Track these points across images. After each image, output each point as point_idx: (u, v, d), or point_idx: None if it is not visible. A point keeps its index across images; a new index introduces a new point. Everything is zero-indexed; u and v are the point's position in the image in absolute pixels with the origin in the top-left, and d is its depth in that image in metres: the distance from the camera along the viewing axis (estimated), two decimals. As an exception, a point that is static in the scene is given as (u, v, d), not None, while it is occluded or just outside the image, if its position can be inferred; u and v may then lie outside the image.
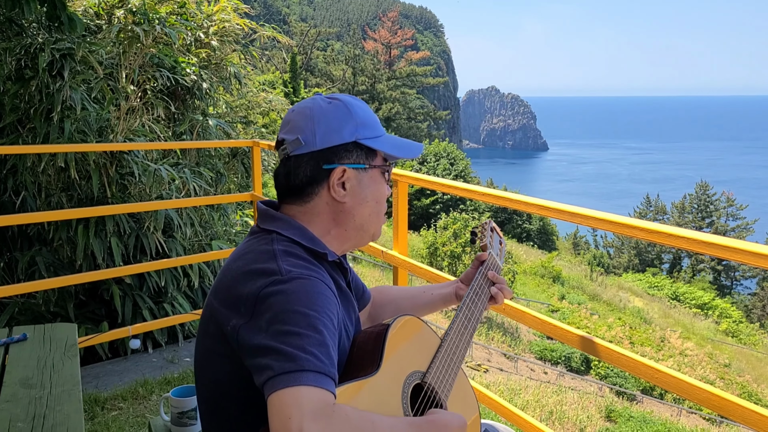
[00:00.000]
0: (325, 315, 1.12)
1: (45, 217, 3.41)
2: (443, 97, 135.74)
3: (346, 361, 1.30)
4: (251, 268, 1.20)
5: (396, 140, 1.42)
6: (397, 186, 2.69)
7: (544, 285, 34.18)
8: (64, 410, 1.40)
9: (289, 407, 0.98)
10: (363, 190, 1.35)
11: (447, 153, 39.72)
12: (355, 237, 1.39)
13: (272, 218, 1.33)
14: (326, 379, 1.04)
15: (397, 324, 1.36)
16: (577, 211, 1.90)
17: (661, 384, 1.61)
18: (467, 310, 1.53)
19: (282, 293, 1.12)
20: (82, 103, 3.88)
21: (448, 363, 1.41)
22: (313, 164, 1.30)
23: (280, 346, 1.05)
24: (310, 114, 1.32)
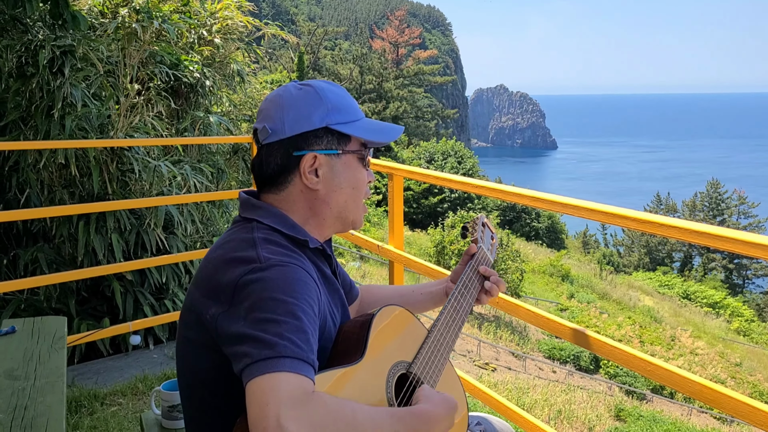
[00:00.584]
0: (304, 301, 1.11)
1: (42, 213, 3.42)
2: (451, 96, 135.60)
3: (331, 349, 1.29)
4: (231, 256, 1.19)
5: (373, 124, 1.38)
6: (393, 180, 2.68)
7: (553, 284, 34.06)
8: (47, 401, 1.39)
9: (266, 394, 0.97)
10: (336, 176, 1.32)
11: (455, 151, 39.65)
12: (334, 224, 1.37)
13: (253, 207, 1.31)
14: (305, 366, 1.03)
15: (383, 313, 1.35)
16: (582, 205, 1.87)
17: (651, 376, 1.58)
18: (455, 302, 1.52)
19: (260, 281, 1.11)
20: (82, 100, 3.89)
21: (435, 354, 1.40)
22: (283, 152, 1.29)
23: (258, 333, 1.04)
24: (280, 102, 1.31)
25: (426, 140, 45.74)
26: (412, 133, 50.63)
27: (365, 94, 48.60)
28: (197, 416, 1.28)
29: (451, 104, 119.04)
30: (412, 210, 36.84)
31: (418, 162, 39.74)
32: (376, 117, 46.60)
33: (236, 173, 5.82)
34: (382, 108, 47.47)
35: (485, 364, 20.10)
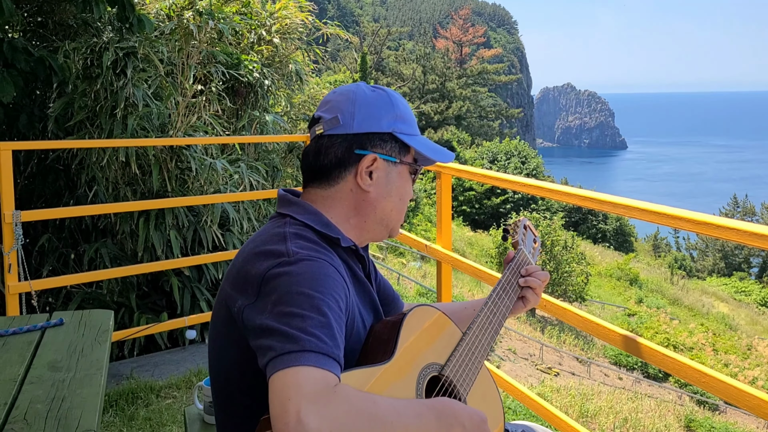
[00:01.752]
0: (330, 297, 1.10)
1: (102, 210, 3.55)
2: (516, 95, 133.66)
3: (361, 349, 1.27)
4: (260, 249, 1.19)
5: (430, 143, 1.39)
6: (441, 178, 2.62)
7: (620, 288, 33.10)
8: (83, 394, 1.41)
9: (288, 388, 0.96)
10: (389, 183, 1.33)
11: (518, 151, 39.06)
12: (374, 230, 1.36)
13: (289, 203, 1.32)
14: (328, 360, 1.02)
15: (415, 313, 1.31)
16: (653, 209, 1.74)
17: (706, 387, 1.48)
18: (492, 304, 1.47)
19: (287, 275, 1.11)
20: (144, 100, 4.01)
21: (470, 356, 1.35)
22: (345, 146, 1.29)
23: (282, 327, 1.04)
24: (353, 97, 1.31)
25: (489, 140, 45.22)
26: (476, 133, 50.13)
27: (428, 93, 48.44)
28: (225, 411, 1.28)
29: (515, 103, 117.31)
30: (474, 211, 36.49)
31: (480, 162, 39.34)
32: (438, 117, 46.39)
33: (291, 171, 5.89)
34: (444, 108, 47.22)
35: (547, 368, 19.69)
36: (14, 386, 1.45)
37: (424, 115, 45.89)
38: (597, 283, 32.03)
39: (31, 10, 5.78)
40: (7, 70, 4.39)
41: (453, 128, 45.69)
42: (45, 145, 4.18)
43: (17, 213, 3.19)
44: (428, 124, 45.68)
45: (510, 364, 18.84)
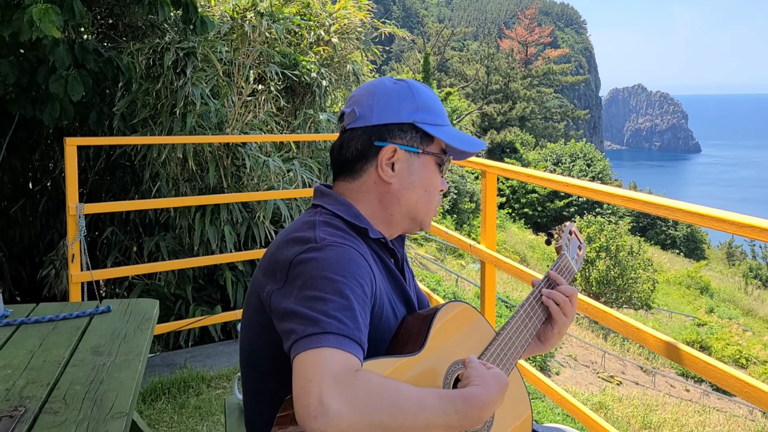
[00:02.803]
0: (353, 281, 1.11)
1: (157, 204, 3.68)
2: (584, 96, 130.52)
3: (392, 339, 1.27)
4: (291, 236, 1.22)
5: (458, 133, 1.37)
6: (485, 177, 2.59)
7: (690, 296, 31.87)
8: (121, 377, 1.47)
9: (310, 370, 0.98)
10: (412, 174, 1.31)
11: (583, 154, 38.12)
12: (402, 222, 1.35)
13: (322, 194, 1.34)
14: (350, 342, 1.03)
15: (448, 309, 1.30)
16: (723, 217, 1.62)
17: (750, 399, 1.41)
18: (529, 306, 1.44)
19: (313, 260, 1.13)
20: (202, 99, 4.13)
21: (501, 357, 1.33)
22: (365, 139, 1.30)
23: (305, 310, 1.06)
24: (373, 90, 1.32)
25: (554, 142, 44.35)
26: (540, 135, 49.26)
27: (491, 94, 47.90)
28: (254, 396, 1.31)
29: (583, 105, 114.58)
30: (537, 213, 35.85)
31: (544, 164, 38.61)
32: (501, 118, 45.79)
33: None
34: (508, 108, 46.58)
35: (610, 376, 19.15)
36: (58, 368, 1.52)
37: (487, 116, 45.40)
38: (665, 291, 30.93)
39: (102, 13, 6.06)
40: (78, 70, 4.61)
41: (516, 129, 45.05)
42: (106, 141, 4.38)
43: (80, 206, 3.35)
44: (491, 125, 45.19)
45: (570, 371, 18.42)
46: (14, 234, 6.29)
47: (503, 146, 41.49)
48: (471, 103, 45.20)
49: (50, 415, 1.30)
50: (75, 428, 1.24)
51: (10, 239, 6.31)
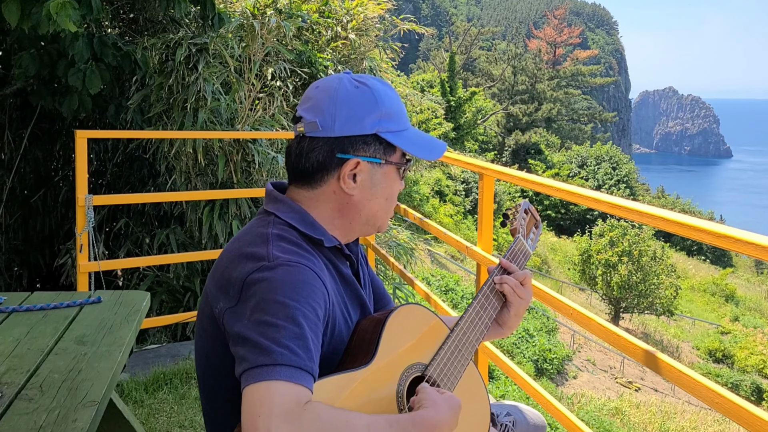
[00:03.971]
0: (307, 305, 1.10)
1: (156, 198, 3.74)
2: (613, 99, 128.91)
3: (345, 349, 1.26)
4: (243, 251, 1.19)
5: (419, 137, 1.32)
6: (483, 180, 2.59)
7: (714, 304, 31.36)
8: (99, 367, 1.50)
9: (259, 404, 0.97)
10: (374, 185, 1.28)
11: (609, 156, 37.68)
12: (360, 230, 1.33)
13: (275, 200, 1.29)
14: (301, 374, 1.02)
15: (400, 312, 1.30)
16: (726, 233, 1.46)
17: (720, 409, 1.40)
18: (483, 298, 1.43)
19: (266, 281, 1.11)
20: (213, 94, 4.18)
21: (456, 355, 1.33)
22: (326, 150, 1.24)
23: (257, 337, 1.05)
24: (335, 96, 1.24)
25: (580, 144, 43.89)
26: (566, 136, 48.80)
27: (517, 95, 47.56)
28: (210, 404, 1.30)
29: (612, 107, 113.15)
30: (560, 216, 35.56)
31: (569, 166, 38.28)
32: (527, 119, 45.45)
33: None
34: (533, 110, 46.22)
35: (628, 382, 18.93)
36: (41, 356, 1.56)
37: (512, 117, 45.12)
38: (688, 298, 30.47)
39: (124, 7, 6.16)
40: (96, 63, 4.70)
41: (542, 130, 44.68)
42: (116, 135, 4.46)
43: (89, 197, 3.41)
44: (516, 125, 44.89)
45: (588, 375, 18.25)
46: (35, 223, 6.43)
47: (528, 147, 41.19)
48: (496, 103, 44.95)
49: (24, 401, 1.33)
50: (46, 415, 1.27)
51: (31, 228, 6.45)
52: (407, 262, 6.31)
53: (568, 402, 14.70)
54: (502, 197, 28.62)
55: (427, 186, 23.76)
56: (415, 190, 20.85)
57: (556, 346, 17.07)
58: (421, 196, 21.58)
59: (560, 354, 16.64)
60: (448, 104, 32.07)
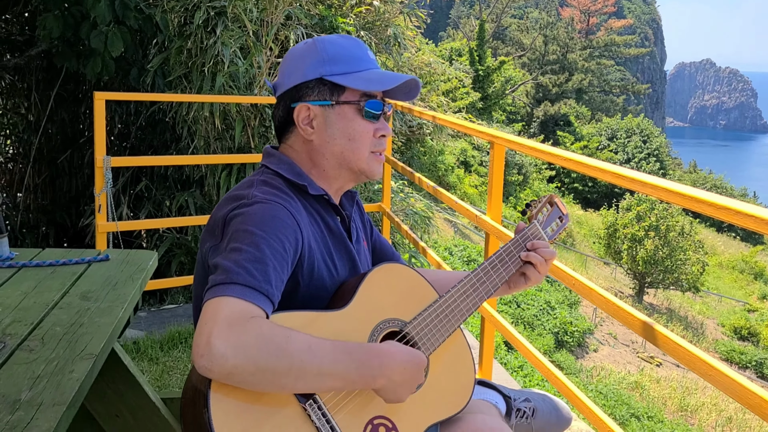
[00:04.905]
0: (273, 237, 1.16)
1: (169, 161, 3.79)
2: (648, 70, 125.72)
3: (329, 299, 1.31)
4: (229, 195, 1.29)
5: (373, 74, 1.34)
6: (494, 148, 2.57)
7: (743, 281, 30.91)
8: (100, 322, 1.54)
9: (208, 314, 1.03)
10: (330, 127, 1.33)
11: (640, 129, 36.92)
12: (340, 175, 1.37)
13: (268, 155, 1.39)
14: (254, 293, 1.07)
15: (383, 269, 1.32)
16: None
17: (715, 384, 1.39)
18: (483, 272, 1.43)
19: (241, 215, 1.19)
20: (231, 58, 4.18)
21: (441, 319, 1.34)
22: (283, 105, 1.36)
23: (222, 261, 1.12)
24: (286, 57, 1.39)
25: (611, 116, 43.05)
26: (597, 108, 47.86)
27: (547, 65, 46.66)
28: None
29: (646, 79, 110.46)
30: (587, 189, 35.10)
31: (598, 139, 37.64)
32: (556, 89, 44.65)
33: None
34: (564, 80, 45.34)
35: (650, 357, 18.85)
36: (45, 310, 1.60)
37: (542, 87, 44.36)
38: (716, 275, 30.05)
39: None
40: (118, 26, 4.72)
41: (572, 102, 43.85)
42: (133, 97, 4.50)
43: (107, 158, 3.46)
44: (545, 96, 44.15)
45: (609, 349, 18.20)
46: (62, 184, 6.57)
47: (557, 119, 40.52)
48: (526, 73, 44.18)
49: (26, 352, 1.38)
50: (44, 366, 1.32)
51: (58, 188, 6.59)
52: (424, 231, 6.31)
53: (587, 374, 14.71)
54: (528, 169, 28.34)
55: (453, 156, 23.59)
56: (440, 160, 20.72)
57: (578, 319, 17.02)
58: (446, 166, 21.45)
59: (581, 327, 16.60)
60: (477, 73, 31.61)
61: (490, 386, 1.66)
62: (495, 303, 2.73)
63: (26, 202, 6.65)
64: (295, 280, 1.24)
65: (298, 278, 1.25)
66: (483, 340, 2.75)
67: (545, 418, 1.66)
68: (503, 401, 1.63)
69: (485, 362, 2.78)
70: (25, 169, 6.48)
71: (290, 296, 1.24)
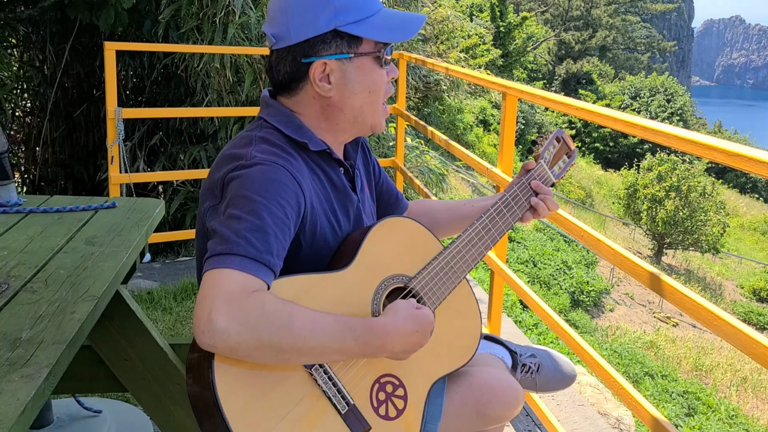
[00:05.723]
0: (274, 202, 1.11)
1: (180, 113, 3.77)
2: (674, 27, 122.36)
3: (332, 257, 1.28)
4: (227, 152, 1.23)
5: (389, 18, 1.28)
6: (506, 99, 2.51)
7: (764, 243, 30.58)
8: (104, 266, 1.55)
9: (208, 288, 1.01)
10: (350, 81, 1.25)
11: (665, 88, 36.12)
12: (350, 129, 1.32)
13: (265, 105, 1.32)
14: (255, 264, 1.04)
15: (386, 223, 1.29)
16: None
17: (720, 334, 1.38)
18: (488, 218, 1.40)
19: (240, 178, 1.14)
20: (242, 8, 4.12)
21: (446, 272, 1.31)
22: (290, 59, 1.24)
23: (221, 229, 1.08)
24: (285, 6, 1.24)
25: (635, 74, 42.11)
26: (621, 66, 46.82)
27: (571, 21, 45.49)
28: None
29: (672, 36, 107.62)
30: (608, 149, 34.64)
31: (621, 97, 36.92)
32: (579, 47, 43.66)
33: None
34: (587, 37, 44.23)
35: (666, 317, 18.83)
36: (50, 253, 1.62)
37: (564, 44, 43.36)
38: (737, 236, 29.73)
39: None
40: (129, -25, 4.66)
41: (595, 60, 42.91)
42: (142, 47, 4.48)
43: (119, 110, 3.46)
44: (568, 53, 43.19)
45: (625, 309, 18.20)
46: (79, 138, 6.60)
47: (579, 77, 39.74)
48: (548, 29, 43.19)
49: (29, 293, 1.39)
50: (47, 306, 1.33)
51: (74, 142, 6.63)
52: (439, 188, 6.27)
53: (602, 334, 14.75)
54: (549, 128, 27.95)
55: (472, 115, 23.30)
56: (459, 119, 20.49)
57: (595, 279, 16.99)
58: (465, 124, 21.21)
59: (598, 287, 16.58)
60: (498, 30, 30.94)
61: (497, 341, 1.66)
62: (505, 257, 2.71)
63: (44, 156, 6.71)
64: (297, 242, 1.21)
65: (301, 240, 1.21)
66: (492, 295, 2.74)
67: (550, 374, 1.66)
68: (509, 356, 1.64)
69: (494, 317, 2.78)
70: (42, 123, 6.52)
71: (293, 258, 1.20)
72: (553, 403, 2.74)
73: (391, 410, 1.19)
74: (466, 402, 1.35)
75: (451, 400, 1.33)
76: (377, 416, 1.17)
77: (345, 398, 1.13)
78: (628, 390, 1.75)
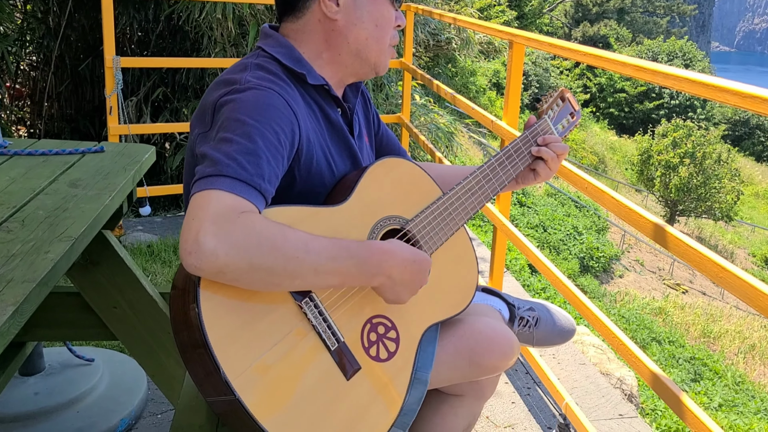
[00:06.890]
0: (267, 126, 1.06)
1: (179, 63, 3.66)
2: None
3: (327, 194, 1.24)
4: (221, 78, 1.18)
5: None
6: (512, 48, 2.41)
7: (778, 212, 30.24)
8: (85, 208, 1.50)
9: (196, 209, 0.96)
10: (359, 8, 1.21)
11: (683, 53, 35.37)
12: (352, 64, 1.26)
13: (265, 35, 1.27)
14: (245, 187, 1.00)
15: (384, 163, 1.24)
16: None
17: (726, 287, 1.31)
18: (489, 168, 1.34)
19: (233, 102, 1.09)
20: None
21: (444, 218, 1.26)
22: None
23: (211, 152, 1.04)
24: None
25: (652, 38, 41.22)
26: (639, 30, 45.83)
27: (589, -19, 44.50)
28: None
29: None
30: (623, 114, 34.13)
31: (637, 61, 36.14)
32: (597, 9, 42.70)
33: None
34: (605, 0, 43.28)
35: (676, 284, 18.78)
36: (31, 194, 1.57)
37: (581, 6, 42.42)
38: (751, 204, 29.43)
39: None
40: None
41: (612, 23, 42.00)
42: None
43: (117, 59, 3.38)
44: (585, 16, 42.28)
45: (635, 275, 18.16)
46: (85, 92, 6.53)
47: (596, 40, 38.96)
48: (566, -9, 42.27)
49: (4, 232, 1.35)
50: (20, 245, 1.28)
51: (80, 97, 6.56)
52: (448, 148, 6.17)
53: (611, 299, 14.73)
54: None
55: (485, 78, 22.96)
56: (472, 81, 20.19)
57: (605, 245, 16.91)
58: (478, 87, 20.91)
59: (608, 253, 16.50)
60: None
61: (495, 293, 1.62)
62: (508, 212, 2.64)
63: (50, 110, 6.66)
64: (291, 175, 1.16)
65: (295, 173, 1.16)
66: (494, 250, 2.68)
67: (548, 328, 1.62)
68: (507, 308, 1.60)
69: (496, 273, 2.72)
70: (47, 77, 6.44)
71: (286, 192, 1.16)
72: (554, 361, 2.70)
73: (382, 352, 1.15)
74: (459, 350, 1.30)
75: (444, 349, 1.29)
76: (368, 356, 1.12)
77: (335, 335, 1.08)
78: (632, 350, 1.70)
